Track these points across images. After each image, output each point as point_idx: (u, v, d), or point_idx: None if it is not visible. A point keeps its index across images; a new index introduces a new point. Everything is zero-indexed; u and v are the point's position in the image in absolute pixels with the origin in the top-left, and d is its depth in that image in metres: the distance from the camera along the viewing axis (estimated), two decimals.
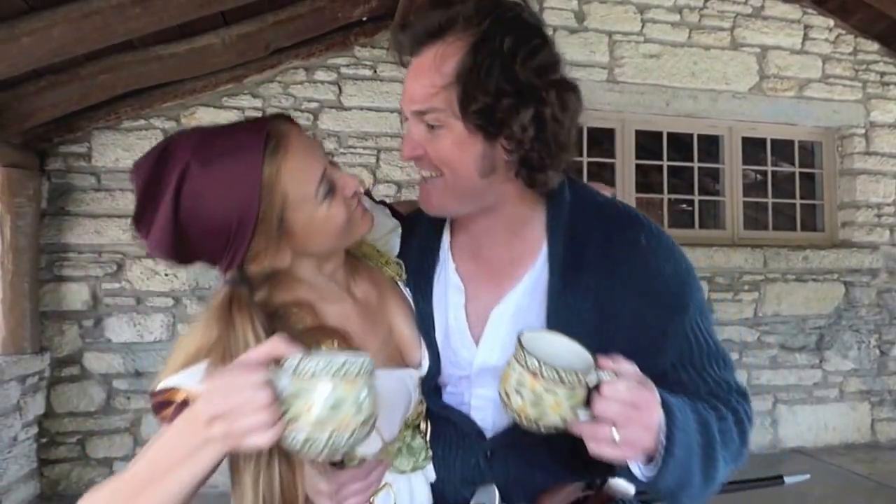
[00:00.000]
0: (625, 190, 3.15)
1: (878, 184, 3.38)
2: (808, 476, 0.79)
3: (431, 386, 0.71)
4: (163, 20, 2.06)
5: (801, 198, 3.41)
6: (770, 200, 3.37)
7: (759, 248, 3.20)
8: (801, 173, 3.42)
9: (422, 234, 0.76)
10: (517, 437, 0.65)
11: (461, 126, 0.61)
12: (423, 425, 0.72)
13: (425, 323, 0.72)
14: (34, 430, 2.47)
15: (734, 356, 3.16)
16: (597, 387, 0.52)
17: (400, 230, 0.79)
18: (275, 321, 0.60)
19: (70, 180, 2.61)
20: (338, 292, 0.68)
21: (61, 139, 2.59)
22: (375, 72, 2.84)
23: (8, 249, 2.43)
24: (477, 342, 0.69)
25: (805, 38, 3.31)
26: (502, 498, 0.64)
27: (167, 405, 0.56)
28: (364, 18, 2.71)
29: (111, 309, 2.61)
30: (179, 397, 0.55)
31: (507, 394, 0.53)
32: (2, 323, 2.42)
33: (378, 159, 2.74)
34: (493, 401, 0.68)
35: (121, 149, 2.65)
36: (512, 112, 0.59)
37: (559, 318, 0.65)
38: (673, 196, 3.34)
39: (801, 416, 3.22)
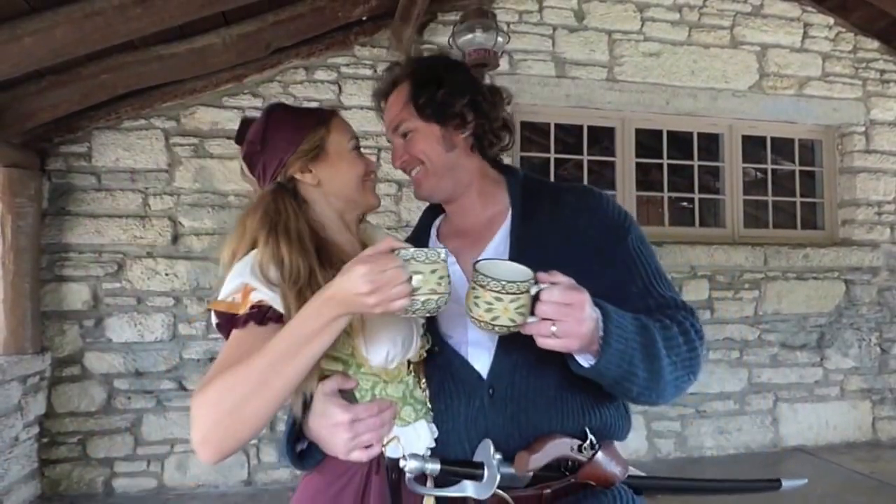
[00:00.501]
0: (625, 188, 3.15)
1: (879, 182, 3.38)
2: (805, 481, 0.80)
3: (437, 338, 0.85)
4: (164, 20, 2.06)
5: (802, 196, 3.41)
6: (770, 198, 3.37)
7: (760, 246, 3.20)
8: (801, 171, 3.42)
9: (414, 238, 1.00)
10: (514, 376, 0.79)
11: (420, 122, 0.88)
12: (422, 380, 0.82)
13: None
14: (35, 430, 2.47)
15: (735, 355, 3.16)
16: (538, 295, 0.66)
17: None
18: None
19: (71, 180, 2.62)
20: (351, 240, 0.87)
21: (62, 139, 2.60)
22: (376, 71, 2.85)
23: (9, 249, 2.43)
24: None
25: (805, 36, 3.32)
26: (500, 445, 0.72)
27: (234, 318, 0.71)
28: (364, 18, 2.71)
29: (112, 309, 2.61)
30: (245, 307, 0.70)
31: (468, 307, 0.68)
32: (3, 323, 2.42)
33: (379, 158, 2.74)
34: (487, 348, 0.81)
35: (121, 149, 2.66)
36: (448, 99, 0.86)
37: (521, 249, 0.83)
38: (673, 194, 3.34)
39: (802, 415, 3.22)
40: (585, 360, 0.71)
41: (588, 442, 0.75)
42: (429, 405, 0.82)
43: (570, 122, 3.16)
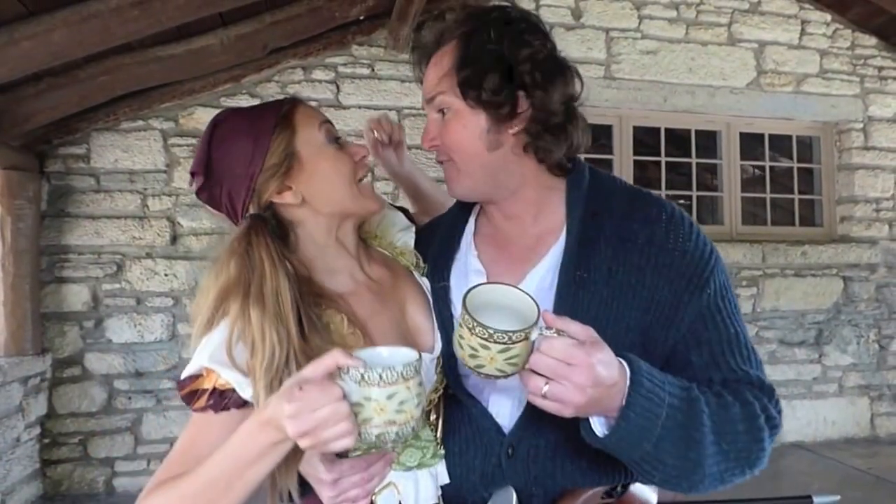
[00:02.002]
0: None
1: (877, 178, 3.38)
2: (838, 497, 0.75)
3: (453, 376, 0.71)
4: (161, 22, 2.06)
5: (800, 193, 3.42)
6: (768, 195, 3.38)
7: (758, 243, 3.21)
8: (799, 168, 3.42)
9: (443, 232, 0.80)
10: (538, 433, 0.66)
11: (463, 105, 0.68)
12: (433, 416, 0.71)
13: (443, 308, 0.73)
14: (36, 430, 2.48)
15: None
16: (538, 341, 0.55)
17: (414, 230, 0.84)
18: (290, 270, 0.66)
19: (69, 182, 2.62)
20: (350, 264, 0.73)
21: (60, 141, 2.60)
22: (373, 70, 2.85)
23: (9, 251, 2.44)
24: None
25: (802, 32, 3.31)
26: (520, 501, 0.63)
27: (197, 394, 0.62)
28: (361, 17, 2.71)
29: (111, 310, 2.62)
30: (209, 384, 0.62)
31: (454, 343, 0.58)
32: (3, 324, 2.43)
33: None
34: (512, 396, 0.69)
35: (119, 150, 2.66)
36: (501, 83, 0.66)
37: (568, 291, 0.67)
38: (671, 192, 3.33)
39: (801, 411, 3.23)
40: (600, 426, 0.59)
41: (618, 488, 0.66)
42: (439, 442, 0.70)
43: None
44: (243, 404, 0.62)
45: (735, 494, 0.71)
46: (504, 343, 0.53)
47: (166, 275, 2.67)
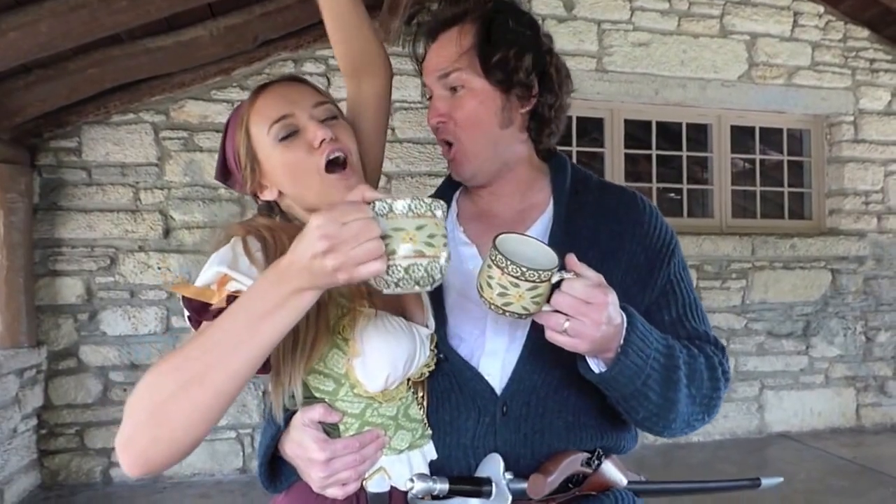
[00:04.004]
0: (614, 179, 3.16)
1: (867, 171, 3.39)
2: (780, 479, 0.82)
3: (446, 346, 0.74)
4: (150, 13, 2.05)
5: (790, 186, 3.43)
6: (758, 189, 3.39)
7: (747, 236, 3.23)
8: (789, 161, 3.43)
9: None
10: (529, 390, 0.70)
11: (484, 83, 0.72)
12: (420, 394, 0.71)
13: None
14: (33, 421, 2.51)
15: (721, 342, 3.20)
16: (559, 283, 0.59)
17: None
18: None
19: (61, 175, 2.63)
20: None
21: (51, 134, 2.60)
22: None
23: (2, 245, 2.45)
24: None
25: (795, 24, 3.31)
26: (507, 465, 0.66)
27: (203, 305, 0.58)
28: None
29: (105, 302, 2.64)
30: (218, 297, 0.57)
31: (480, 285, 0.60)
32: None
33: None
34: (503, 359, 0.72)
35: (111, 143, 2.66)
36: (521, 61, 0.72)
37: (558, 253, 0.71)
38: (661, 185, 3.35)
39: (788, 402, 3.28)
40: (597, 366, 0.64)
41: (595, 454, 0.71)
42: (426, 424, 0.71)
43: None
44: None
45: (693, 477, 0.75)
46: (533, 281, 0.56)
47: (159, 268, 2.69)
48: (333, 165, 0.66)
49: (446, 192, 0.84)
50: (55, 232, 2.62)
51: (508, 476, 0.66)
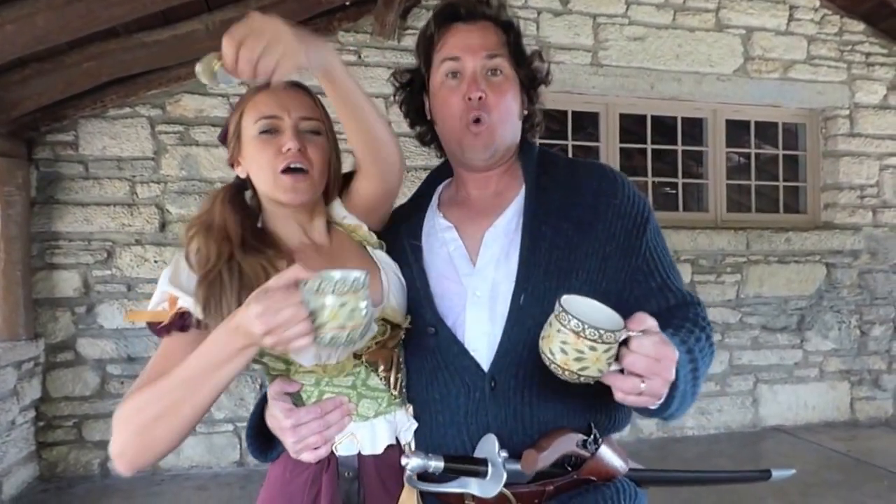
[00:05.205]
0: None
1: (862, 165, 3.40)
2: (793, 471, 0.82)
3: (435, 319, 0.77)
4: (145, 6, 2.06)
5: (785, 180, 3.44)
6: (753, 183, 3.40)
7: (742, 230, 3.23)
8: (784, 155, 3.44)
9: (411, 206, 0.92)
10: (517, 365, 0.72)
11: (514, 74, 0.82)
12: (381, 368, 0.76)
13: (413, 262, 0.81)
14: (31, 414, 2.53)
15: (717, 337, 3.22)
16: (625, 342, 0.59)
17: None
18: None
19: (58, 169, 2.64)
20: (296, 229, 0.80)
21: (48, 128, 2.61)
22: (360, 57, 2.85)
23: (0, 238, 2.47)
24: (474, 265, 0.79)
25: (790, 18, 3.31)
26: (502, 444, 0.68)
27: (157, 325, 0.70)
28: (347, 3, 2.70)
29: (102, 296, 2.66)
30: (174, 309, 0.69)
31: (551, 351, 0.60)
32: None
33: None
34: (487, 334, 0.74)
35: (107, 137, 2.67)
36: (535, 73, 0.84)
37: (535, 226, 0.77)
38: (657, 179, 3.36)
39: (782, 396, 3.29)
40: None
41: (592, 437, 0.72)
42: (394, 393, 0.76)
43: (554, 108, 3.15)
44: (203, 326, 0.69)
45: (700, 468, 0.75)
46: (610, 343, 0.57)
47: (156, 261, 2.70)
48: (293, 171, 0.75)
49: (431, 185, 0.92)
50: (52, 225, 2.63)
51: (504, 455, 0.66)
